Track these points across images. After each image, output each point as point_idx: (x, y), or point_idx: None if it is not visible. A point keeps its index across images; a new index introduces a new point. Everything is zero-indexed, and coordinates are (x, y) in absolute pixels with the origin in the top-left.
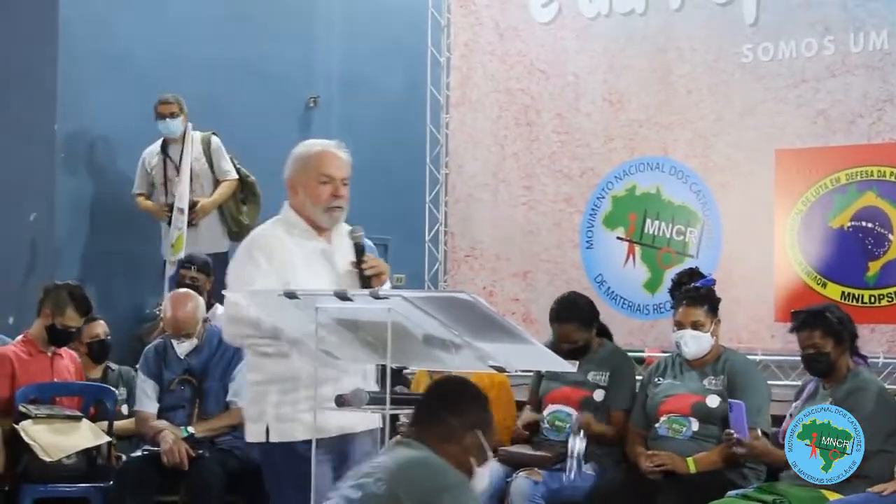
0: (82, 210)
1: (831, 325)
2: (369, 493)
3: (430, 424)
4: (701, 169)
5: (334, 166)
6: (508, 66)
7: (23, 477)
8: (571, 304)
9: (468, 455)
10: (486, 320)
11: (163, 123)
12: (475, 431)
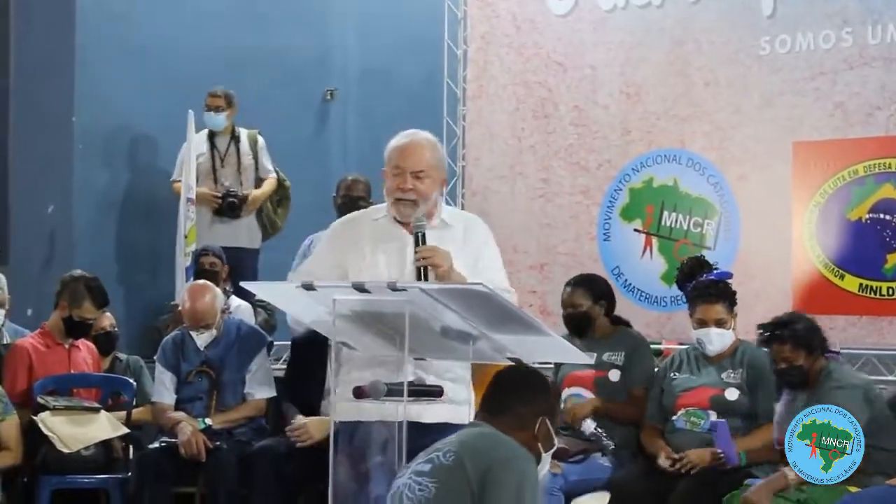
0: (100, 202)
1: (800, 336)
2: (438, 465)
3: (498, 413)
4: (718, 161)
5: (405, 157)
6: (525, 59)
7: (41, 468)
8: (587, 276)
9: (536, 442)
10: (503, 312)
11: (208, 116)
12: (543, 419)
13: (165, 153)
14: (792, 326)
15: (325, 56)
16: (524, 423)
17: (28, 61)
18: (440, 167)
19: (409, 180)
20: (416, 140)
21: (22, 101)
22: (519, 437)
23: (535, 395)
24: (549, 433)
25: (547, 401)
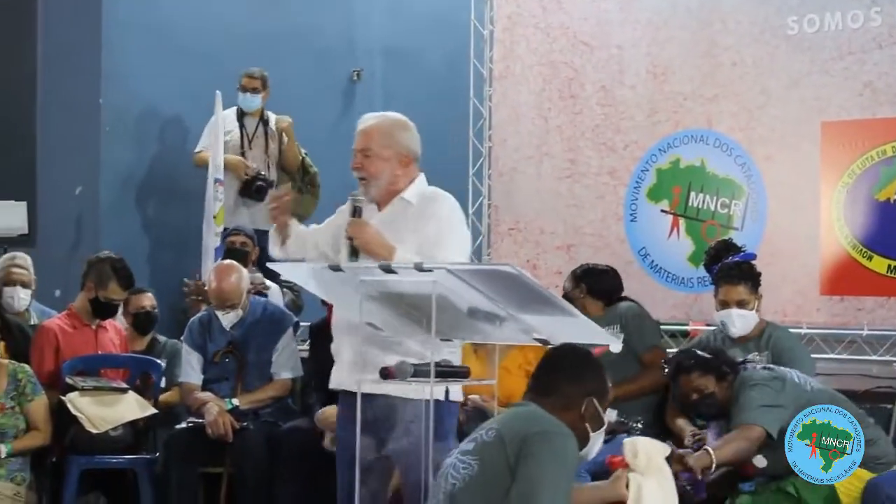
0: (127, 183)
1: (706, 362)
2: (480, 442)
3: (546, 393)
4: (746, 142)
5: (356, 138)
6: (552, 39)
7: (70, 448)
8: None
9: (584, 422)
10: (530, 293)
11: (243, 97)
12: (591, 399)
13: (192, 134)
14: (695, 354)
15: (352, 37)
16: (570, 402)
17: (55, 43)
18: (392, 146)
19: (358, 159)
20: (367, 121)
21: (49, 83)
22: (565, 416)
23: (581, 374)
24: (596, 413)
25: (595, 381)
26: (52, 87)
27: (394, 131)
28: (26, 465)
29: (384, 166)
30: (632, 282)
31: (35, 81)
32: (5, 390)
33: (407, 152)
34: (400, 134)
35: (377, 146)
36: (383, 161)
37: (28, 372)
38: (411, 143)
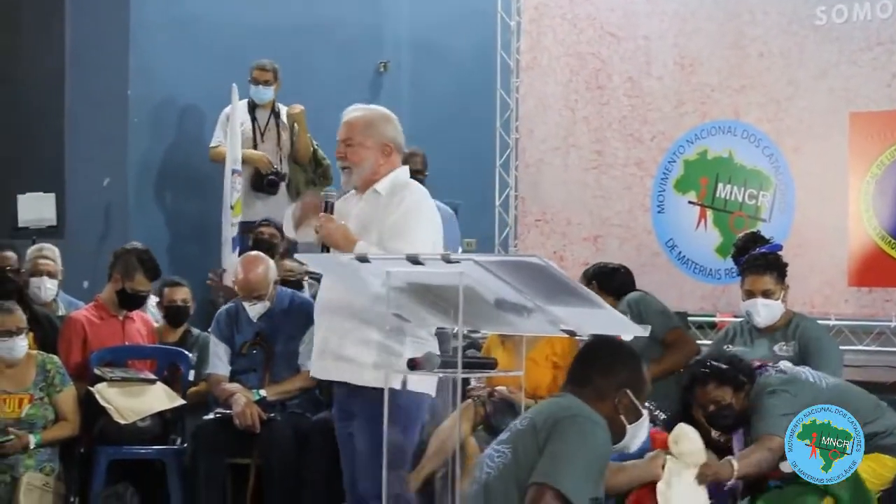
0: (155, 175)
1: (722, 374)
2: (514, 431)
3: (580, 385)
4: (773, 133)
5: (340, 128)
6: (579, 30)
7: (98, 439)
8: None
9: (618, 414)
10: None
11: (255, 89)
12: (624, 390)
13: None
14: (711, 365)
15: (378, 28)
16: (604, 394)
17: (83, 37)
18: (374, 136)
19: (341, 149)
20: (351, 113)
21: (77, 76)
22: (601, 408)
23: (614, 366)
24: (632, 405)
25: (629, 372)
26: (80, 81)
27: (376, 122)
28: (55, 456)
29: (366, 155)
30: (659, 273)
31: (63, 75)
32: (34, 381)
33: (389, 142)
34: (382, 125)
35: (360, 136)
36: (365, 150)
37: (57, 363)
38: (394, 133)
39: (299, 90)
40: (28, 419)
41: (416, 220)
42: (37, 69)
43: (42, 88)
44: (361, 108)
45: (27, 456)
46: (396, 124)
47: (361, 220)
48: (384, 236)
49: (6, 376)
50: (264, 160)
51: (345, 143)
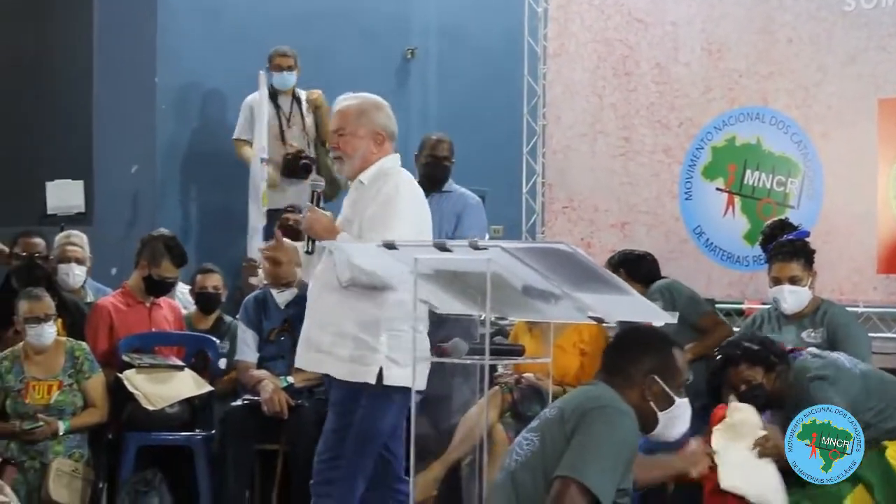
0: (183, 162)
1: (754, 354)
2: (543, 420)
3: (611, 373)
4: (802, 119)
5: (332, 119)
6: (606, 16)
7: (127, 425)
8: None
9: (646, 401)
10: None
11: (279, 76)
12: (652, 377)
13: None
14: (742, 345)
15: (405, 14)
16: (633, 382)
17: (111, 24)
18: (366, 125)
19: (334, 139)
20: (342, 102)
21: (105, 62)
22: (630, 396)
23: (642, 353)
24: (661, 392)
25: (658, 359)
26: (108, 68)
27: (368, 110)
28: (84, 442)
29: (359, 144)
30: (686, 260)
31: (91, 63)
32: (63, 368)
33: (381, 130)
34: (374, 113)
35: (351, 125)
36: (358, 139)
37: (85, 349)
38: (385, 121)
39: (325, 77)
40: (57, 405)
41: (392, 211)
42: (65, 57)
43: (70, 76)
44: (352, 96)
45: (56, 442)
46: (388, 112)
47: (346, 211)
48: (363, 228)
49: (35, 363)
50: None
51: (337, 134)
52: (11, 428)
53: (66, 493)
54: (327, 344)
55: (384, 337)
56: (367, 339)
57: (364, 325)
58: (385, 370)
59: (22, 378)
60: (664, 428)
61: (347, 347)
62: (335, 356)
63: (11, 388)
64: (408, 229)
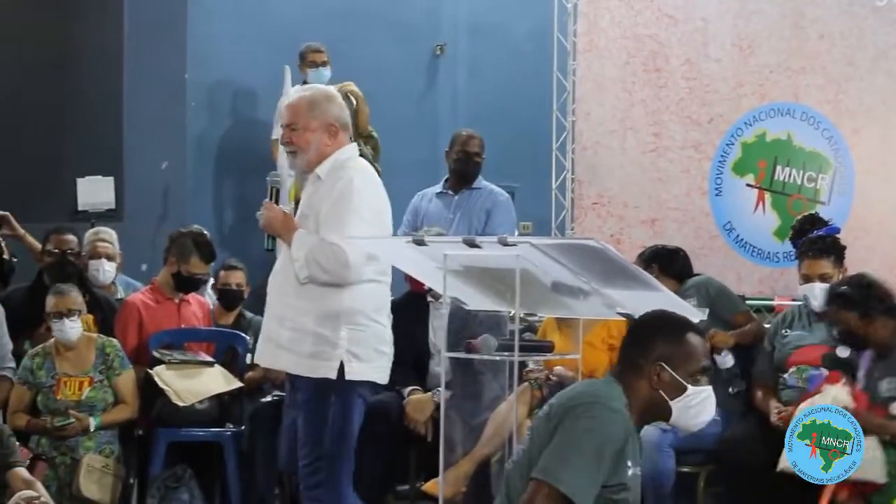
0: (213, 158)
1: (849, 297)
2: (538, 417)
3: (623, 366)
4: (833, 114)
5: (283, 114)
6: (636, 12)
7: (157, 421)
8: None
9: (656, 390)
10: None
11: (314, 72)
12: (658, 365)
13: (276, 109)
14: (842, 288)
15: (435, 11)
16: (641, 372)
17: (141, 20)
18: (318, 117)
19: (286, 133)
20: (291, 97)
21: (135, 58)
22: (640, 388)
23: (651, 340)
24: (671, 379)
25: (667, 344)
26: (138, 64)
27: (320, 102)
28: (115, 438)
29: (312, 137)
30: (716, 256)
31: (122, 58)
32: (94, 364)
33: (334, 121)
34: (325, 105)
35: (303, 119)
36: (311, 132)
37: (116, 346)
38: (338, 112)
39: (355, 74)
40: (88, 401)
41: (347, 207)
42: (95, 53)
43: (100, 73)
44: (302, 89)
45: (87, 438)
46: (340, 102)
47: (303, 207)
48: (319, 223)
49: (66, 359)
50: None
51: (289, 128)
52: (43, 424)
53: (97, 489)
54: (286, 340)
55: (344, 331)
56: (327, 334)
57: (323, 320)
58: (346, 364)
59: (53, 374)
60: (680, 418)
61: (307, 343)
62: (295, 352)
63: (43, 385)
64: (364, 224)
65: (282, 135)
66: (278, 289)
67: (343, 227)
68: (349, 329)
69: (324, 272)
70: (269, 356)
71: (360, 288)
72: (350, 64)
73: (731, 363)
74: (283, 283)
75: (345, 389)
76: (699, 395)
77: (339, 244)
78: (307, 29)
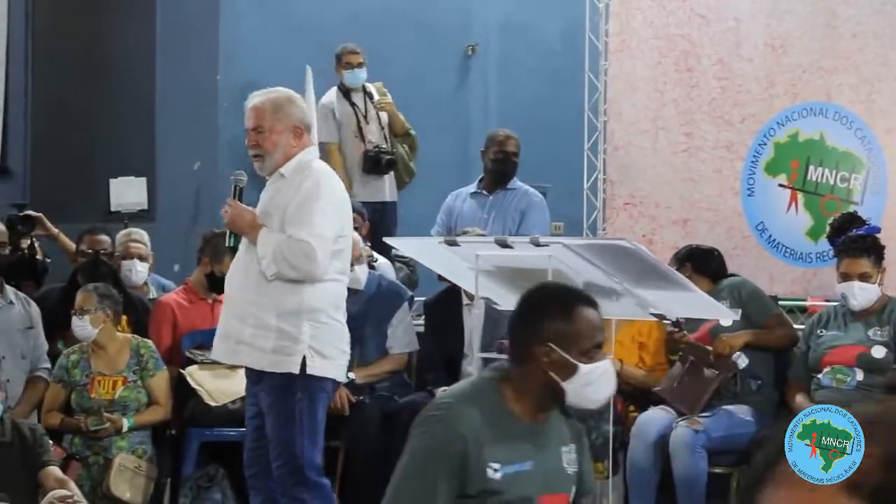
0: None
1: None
2: None
3: (513, 349)
4: (866, 114)
5: (246, 118)
6: (668, 12)
7: (189, 421)
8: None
9: (546, 372)
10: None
11: (350, 73)
12: (548, 346)
13: None
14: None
15: (467, 11)
16: (530, 354)
17: (173, 21)
18: (283, 119)
19: (252, 136)
20: (255, 98)
21: (167, 59)
22: (531, 372)
23: (534, 322)
24: (562, 360)
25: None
26: (170, 66)
27: (283, 105)
28: (147, 438)
29: (278, 139)
30: (749, 257)
31: (154, 60)
32: (128, 364)
33: (299, 123)
34: (289, 107)
35: (269, 121)
36: (277, 135)
37: (150, 347)
38: (301, 114)
39: (386, 74)
40: (121, 401)
41: (314, 207)
42: (128, 55)
43: (133, 74)
44: (263, 92)
45: (120, 438)
46: (302, 104)
47: (265, 205)
48: (285, 222)
49: (101, 358)
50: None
51: (255, 131)
52: (76, 424)
53: (128, 489)
54: (248, 335)
55: (306, 327)
56: (290, 329)
57: (285, 315)
58: (308, 360)
59: (88, 373)
60: (577, 397)
61: (270, 339)
62: (257, 348)
63: (77, 383)
64: (329, 226)
65: (247, 138)
66: (238, 286)
67: (311, 224)
68: (311, 325)
69: (291, 268)
70: (229, 353)
71: (322, 286)
72: (381, 65)
73: (745, 363)
74: (243, 280)
75: (309, 384)
76: (595, 372)
77: (307, 240)
78: (339, 30)
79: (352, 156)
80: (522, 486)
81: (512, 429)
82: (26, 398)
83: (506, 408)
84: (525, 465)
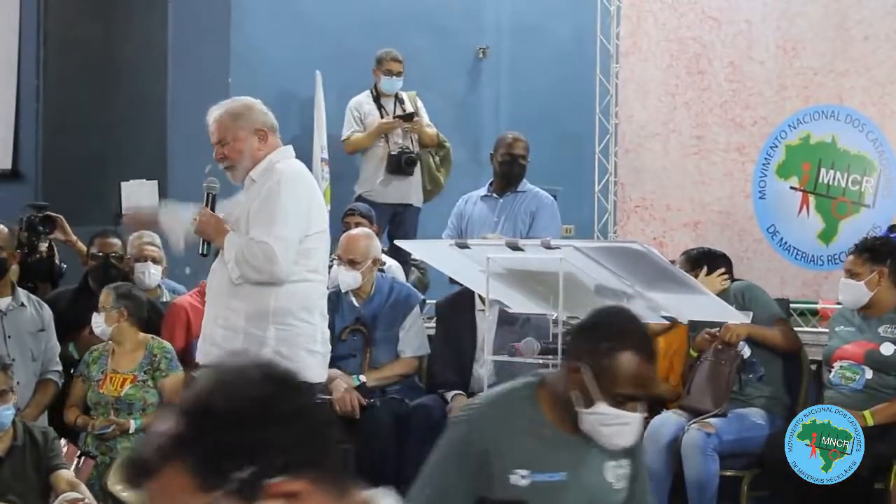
0: None
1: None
2: None
3: (565, 353)
4: (878, 117)
5: (209, 132)
6: (679, 14)
7: None
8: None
9: (568, 390)
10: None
11: (388, 80)
12: (581, 366)
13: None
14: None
15: (478, 14)
16: (569, 364)
17: (185, 24)
18: (244, 126)
19: (218, 150)
20: (214, 112)
21: (179, 63)
22: (562, 380)
23: (577, 338)
24: (581, 385)
25: (588, 346)
26: (181, 68)
27: (241, 113)
28: None
29: (243, 146)
30: (760, 259)
31: (165, 63)
32: (139, 364)
33: (261, 126)
34: (247, 113)
35: (231, 132)
36: (241, 142)
37: (165, 348)
38: (263, 118)
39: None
40: (126, 399)
41: (274, 208)
42: (139, 57)
43: (144, 76)
44: (222, 104)
45: (125, 438)
46: (261, 107)
47: (239, 211)
48: (249, 225)
49: (118, 356)
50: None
51: (220, 144)
52: (85, 423)
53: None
54: (220, 338)
55: (272, 330)
56: (256, 332)
57: (252, 318)
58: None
59: (103, 370)
60: (591, 430)
61: (238, 342)
62: (227, 350)
63: (93, 378)
64: (291, 226)
65: (214, 153)
66: (215, 290)
67: (271, 225)
68: (277, 328)
69: (254, 271)
70: (207, 354)
71: (290, 287)
72: None
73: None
74: (218, 283)
75: None
76: (615, 419)
77: (266, 242)
78: (350, 33)
79: (377, 157)
80: (552, 496)
81: (547, 437)
82: (36, 401)
83: (542, 415)
84: (557, 475)
